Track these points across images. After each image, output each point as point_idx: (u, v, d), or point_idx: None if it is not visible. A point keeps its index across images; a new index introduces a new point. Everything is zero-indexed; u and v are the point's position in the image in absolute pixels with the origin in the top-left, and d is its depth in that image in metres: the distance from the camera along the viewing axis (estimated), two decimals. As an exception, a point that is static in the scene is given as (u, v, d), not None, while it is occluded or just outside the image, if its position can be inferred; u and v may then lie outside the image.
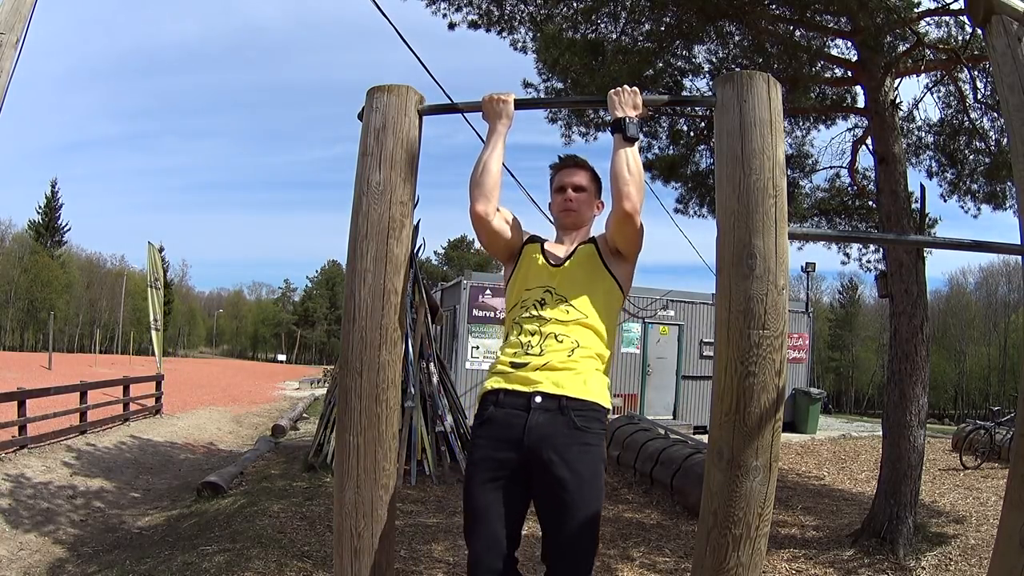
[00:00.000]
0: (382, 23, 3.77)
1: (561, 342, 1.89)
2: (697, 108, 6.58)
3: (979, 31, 2.79)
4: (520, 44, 6.40)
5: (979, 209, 6.77)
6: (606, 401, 1.91)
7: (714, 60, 6.30)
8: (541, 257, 2.04)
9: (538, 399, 1.83)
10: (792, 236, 1.78)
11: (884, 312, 16.28)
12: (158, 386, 13.20)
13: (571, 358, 1.88)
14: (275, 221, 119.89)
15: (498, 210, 2.05)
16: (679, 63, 6.39)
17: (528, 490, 1.88)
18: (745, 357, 1.68)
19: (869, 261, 7.63)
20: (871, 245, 7.34)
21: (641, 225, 1.97)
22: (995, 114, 5.97)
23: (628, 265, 2.05)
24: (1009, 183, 6.14)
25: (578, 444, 1.82)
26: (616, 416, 10.87)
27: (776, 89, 1.77)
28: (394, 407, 1.94)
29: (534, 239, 2.13)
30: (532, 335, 1.91)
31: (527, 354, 1.89)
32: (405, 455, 6.98)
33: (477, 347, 12.22)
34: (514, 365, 1.89)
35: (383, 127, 1.95)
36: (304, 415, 15.12)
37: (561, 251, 2.06)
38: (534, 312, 1.94)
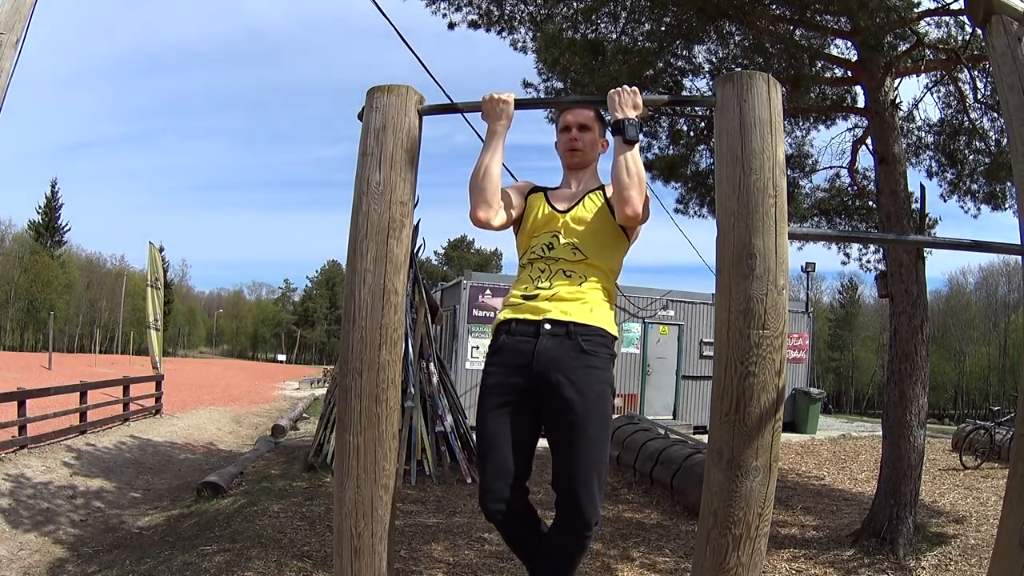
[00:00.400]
0: (382, 23, 3.77)
1: (569, 276, 1.97)
2: (697, 108, 6.57)
3: (979, 31, 2.79)
4: (520, 44, 6.40)
5: (979, 209, 6.77)
6: (612, 328, 1.98)
7: (714, 60, 6.30)
8: (547, 205, 2.10)
9: (547, 325, 1.91)
10: (792, 236, 1.78)
11: (884, 312, 16.28)
12: (158, 386, 13.20)
13: (579, 289, 1.96)
14: (275, 221, 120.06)
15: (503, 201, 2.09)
16: (679, 63, 6.39)
17: (538, 416, 1.96)
18: (745, 357, 1.68)
19: (869, 261, 7.64)
20: (871, 245, 7.33)
21: (647, 204, 2.00)
22: (995, 114, 5.97)
23: None
24: (1009, 183, 6.14)
25: (584, 367, 1.89)
26: (616, 416, 10.88)
27: (776, 89, 1.77)
28: (394, 407, 1.94)
29: (537, 189, 2.20)
30: (542, 272, 2.00)
31: (537, 287, 1.98)
32: (405, 455, 6.98)
33: (477, 347, 12.22)
34: (525, 297, 1.99)
35: (383, 127, 1.95)
36: (304, 415, 15.12)
37: (567, 196, 2.13)
38: (543, 253, 2.02)
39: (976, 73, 5.91)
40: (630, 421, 9.21)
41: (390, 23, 3.72)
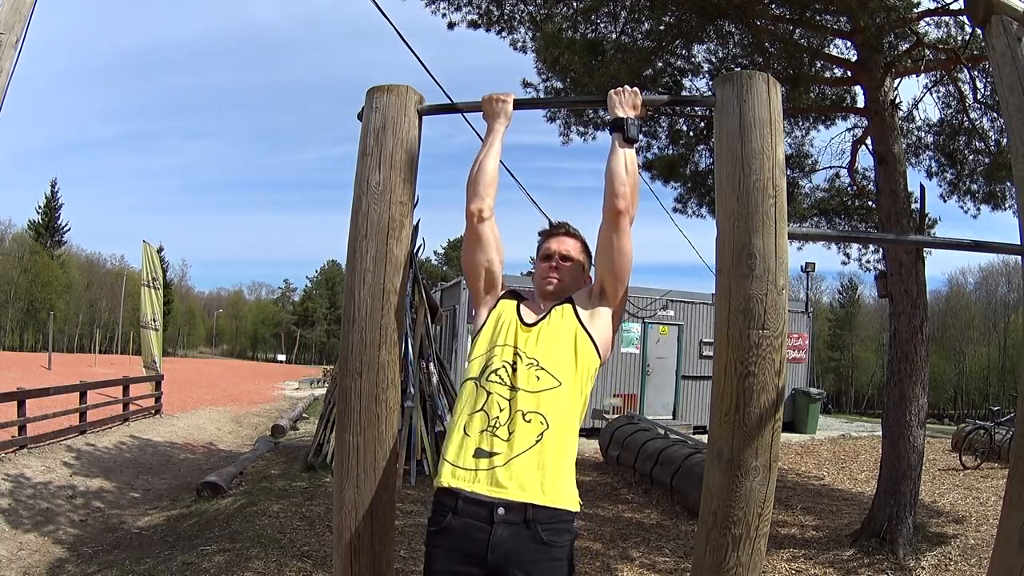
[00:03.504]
0: (382, 23, 3.77)
1: (529, 422, 1.71)
2: (697, 108, 6.58)
3: (979, 31, 2.79)
4: (520, 44, 6.41)
5: (979, 209, 6.78)
6: (574, 502, 1.74)
7: (714, 60, 6.30)
8: (515, 315, 1.90)
9: (501, 511, 1.65)
10: (792, 236, 1.78)
11: (884, 312, 16.29)
12: (158, 386, 13.20)
13: (539, 445, 1.69)
14: (275, 221, 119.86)
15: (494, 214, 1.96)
16: (679, 63, 6.40)
17: None
18: (745, 357, 1.68)
19: (869, 261, 7.64)
20: (871, 245, 7.34)
21: (630, 250, 1.86)
22: (995, 114, 5.97)
23: (609, 316, 1.90)
24: (1009, 183, 6.15)
25: (546, 560, 1.67)
26: (616, 416, 10.88)
27: (776, 89, 1.77)
28: (394, 407, 1.94)
29: (513, 294, 2.00)
30: (502, 410, 1.73)
31: (495, 435, 1.70)
32: (405, 455, 6.98)
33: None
34: (477, 453, 1.70)
35: (383, 127, 1.95)
36: (304, 415, 15.12)
37: (534, 313, 1.91)
38: (503, 378, 1.77)
39: (976, 73, 5.91)
40: (630, 421, 9.21)
41: (390, 23, 3.72)
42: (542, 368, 1.77)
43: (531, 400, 1.73)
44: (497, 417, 1.72)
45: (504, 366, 1.79)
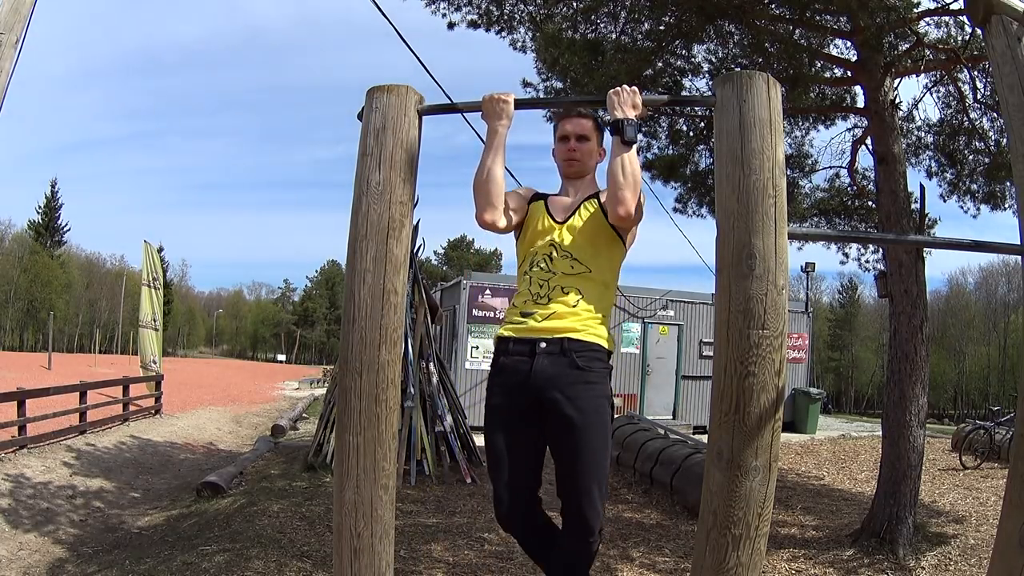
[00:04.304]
0: (382, 23, 3.77)
1: (566, 293, 2.01)
2: (697, 108, 6.57)
3: (979, 31, 2.79)
4: (520, 44, 6.40)
5: (979, 209, 6.77)
6: (606, 342, 2.02)
7: (714, 60, 6.30)
8: (546, 215, 2.13)
9: (542, 344, 1.96)
10: (792, 236, 1.78)
11: (884, 312, 16.29)
12: (158, 386, 13.19)
13: (574, 307, 1.99)
14: (275, 221, 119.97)
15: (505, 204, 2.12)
16: (679, 63, 6.39)
17: (541, 430, 2.01)
18: (745, 357, 1.68)
19: (868, 261, 7.63)
20: (871, 245, 7.33)
21: (640, 206, 2.03)
22: (995, 114, 5.97)
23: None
24: (1008, 183, 6.14)
25: (581, 383, 1.94)
26: (616, 416, 10.87)
27: (776, 89, 1.77)
28: (394, 407, 1.94)
29: (538, 196, 2.22)
30: (540, 286, 2.03)
31: (535, 303, 2.02)
32: (405, 455, 6.98)
33: (477, 347, 12.22)
34: (523, 314, 2.03)
35: (383, 127, 1.95)
36: (304, 415, 15.12)
37: (565, 205, 2.15)
38: (543, 265, 2.06)
39: (976, 73, 5.91)
40: (630, 421, 9.21)
41: (390, 23, 3.73)
42: (575, 259, 2.04)
43: (568, 279, 2.03)
44: (537, 292, 2.04)
45: (544, 258, 2.07)
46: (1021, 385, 2.36)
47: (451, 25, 6.21)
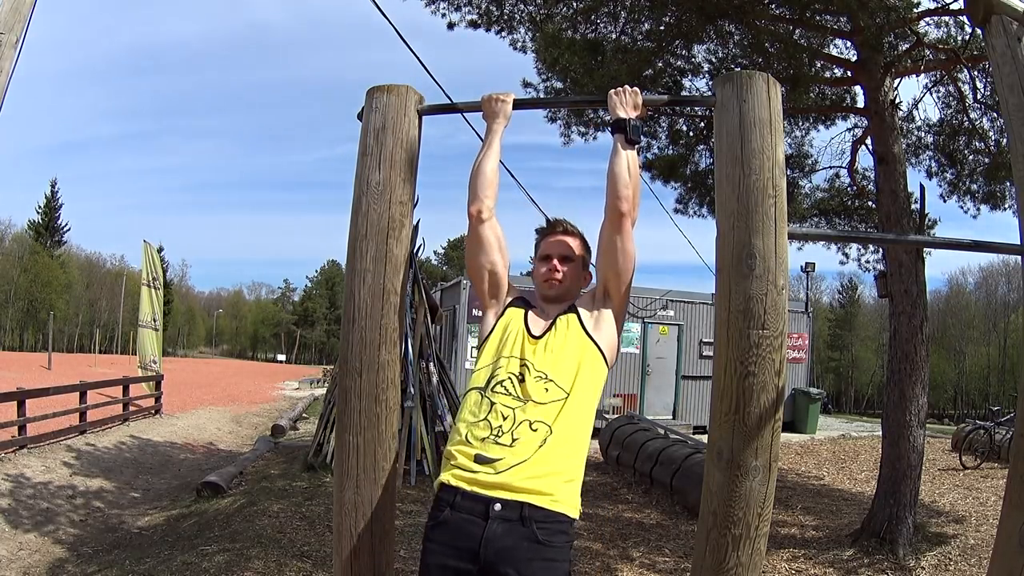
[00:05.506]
0: (382, 23, 3.77)
1: (535, 431, 1.69)
2: (697, 108, 6.57)
3: (979, 31, 2.79)
4: (520, 44, 6.40)
5: (978, 209, 6.78)
6: (574, 509, 1.71)
7: (714, 60, 6.30)
8: (522, 325, 1.88)
9: (497, 507, 1.63)
10: (792, 236, 1.78)
11: (884, 312, 16.28)
12: (157, 386, 13.19)
13: (541, 451, 1.67)
14: (275, 221, 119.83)
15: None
16: (679, 63, 6.39)
17: None
18: (745, 357, 1.68)
19: (868, 261, 7.64)
20: (871, 245, 7.34)
21: (633, 250, 1.86)
22: (995, 114, 5.97)
23: (612, 319, 1.90)
24: (1008, 183, 6.14)
25: (539, 559, 1.62)
26: (616, 416, 10.88)
27: (776, 89, 1.77)
28: (394, 407, 1.94)
29: (521, 302, 1.97)
30: (505, 418, 1.71)
31: (496, 443, 1.68)
32: (405, 455, 6.98)
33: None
34: (478, 459, 1.67)
35: (383, 127, 1.96)
36: (304, 415, 15.12)
37: (541, 323, 1.89)
38: (511, 391, 1.75)
39: (976, 73, 5.91)
40: (630, 421, 9.21)
41: (390, 23, 3.72)
42: (551, 380, 1.76)
43: (539, 411, 1.71)
44: (500, 426, 1.70)
45: (510, 378, 1.77)
46: (1021, 385, 2.36)
47: (451, 25, 6.21)
